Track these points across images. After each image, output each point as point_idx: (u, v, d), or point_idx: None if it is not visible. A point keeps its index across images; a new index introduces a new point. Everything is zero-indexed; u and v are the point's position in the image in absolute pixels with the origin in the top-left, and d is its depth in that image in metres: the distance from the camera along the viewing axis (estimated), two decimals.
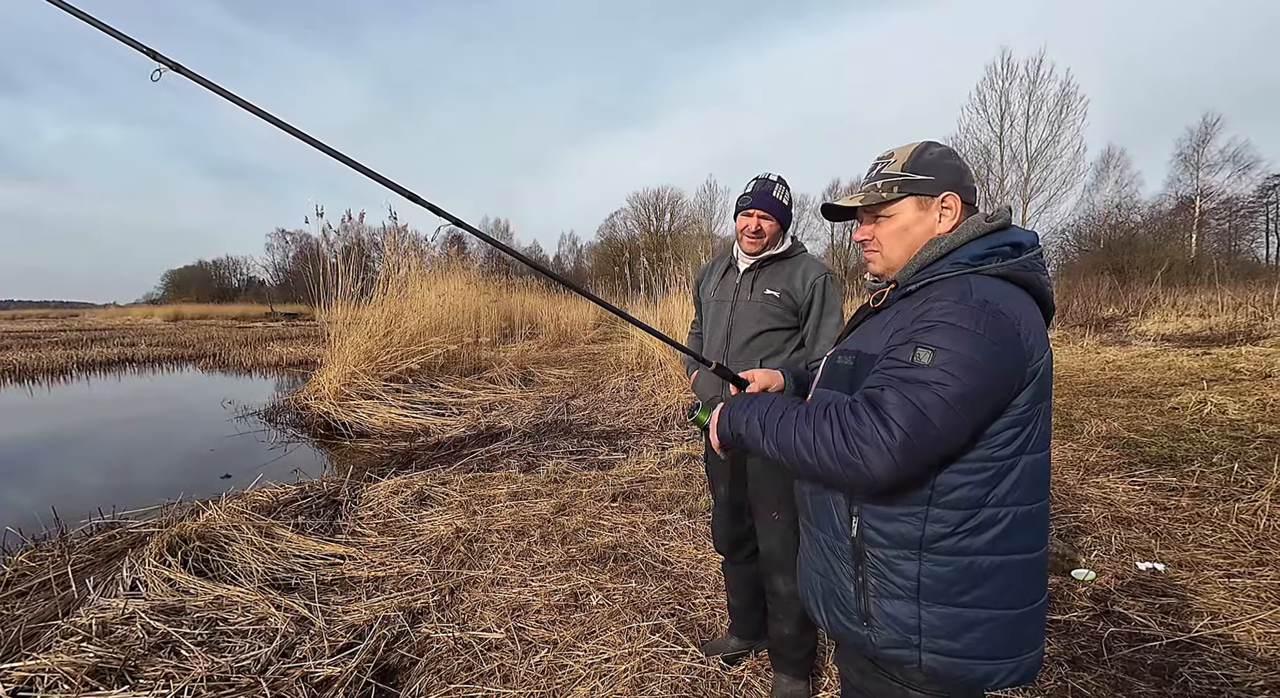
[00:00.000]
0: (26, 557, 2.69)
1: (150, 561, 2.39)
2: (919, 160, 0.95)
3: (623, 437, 5.31)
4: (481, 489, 3.80)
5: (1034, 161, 21.39)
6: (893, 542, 0.88)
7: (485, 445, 5.12)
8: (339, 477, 3.96)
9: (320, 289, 7.60)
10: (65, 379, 10.34)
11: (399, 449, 5.26)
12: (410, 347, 7.38)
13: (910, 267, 0.95)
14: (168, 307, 39.50)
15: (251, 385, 9.68)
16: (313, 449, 5.46)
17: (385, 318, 7.51)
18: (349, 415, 6.07)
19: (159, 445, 5.84)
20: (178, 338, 17.89)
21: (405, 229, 9.17)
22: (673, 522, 3.15)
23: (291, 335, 17.87)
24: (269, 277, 52.34)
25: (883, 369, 0.85)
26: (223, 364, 12.50)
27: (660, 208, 40.37)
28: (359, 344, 7.10)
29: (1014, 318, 0.81)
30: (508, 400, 7.00)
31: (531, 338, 12.84)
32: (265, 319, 31.57)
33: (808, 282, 1.72)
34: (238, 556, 2.59)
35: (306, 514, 3.25)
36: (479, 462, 4.58)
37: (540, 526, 3.13)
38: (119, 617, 2.01)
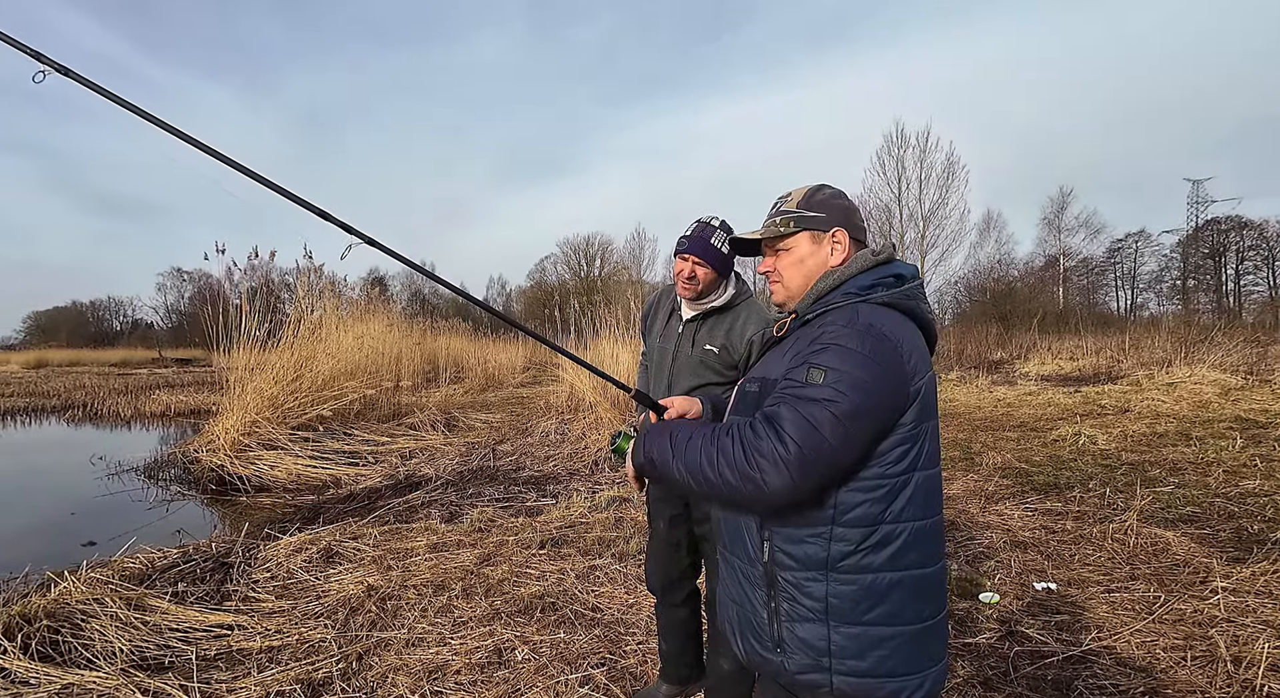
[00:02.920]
0: None
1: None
2: (813, 199, 1.05)
3: (552, 481, 5.16)
4: (398, 542, 3.54)
5: (928, 220, 23.92)
6: (801, 564, 0.91)
7: (403, 495, 4.80)
8: (231, 536, 3.55)
9: (220, 332, 7.01)
10: None
11: (305, 503, 4.82)
12: (323, 392, 6.90)
13: (808, 298, 1.04)
14: (28, 353, 34.69)
15: (129, 438, 8.61)
16: (201, 508, 4.90)
17: (295, 362, 7.00)
18: (247, 468, 5.51)
19: (4, 511, 5.01)
20: (39, 387, 15.71)
21: (321, 269, 8.73)
22: (603, 567, 3.06)
23: (182, 382, 16.20)
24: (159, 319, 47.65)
25: (781, 390, 0.91)
26: (94, 416, 11.07)
27: (590, 253, 41.09)
28: (263, 390, 6.54)
29: (896, 340, 0.88)
30: (429, 447, 6.64)
31: (457, 382, 12.39)
32: (152, 365, 28.50)
33: (745, 337, 1.71)
34: (98, 633, 2.23)
35: (189, 581, 2.87)
36: (395, 513, 4.28)
37: (462, 578, 2.94)
38: None
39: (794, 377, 0.89)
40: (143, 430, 9.46)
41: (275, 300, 8.58)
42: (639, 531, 3.58)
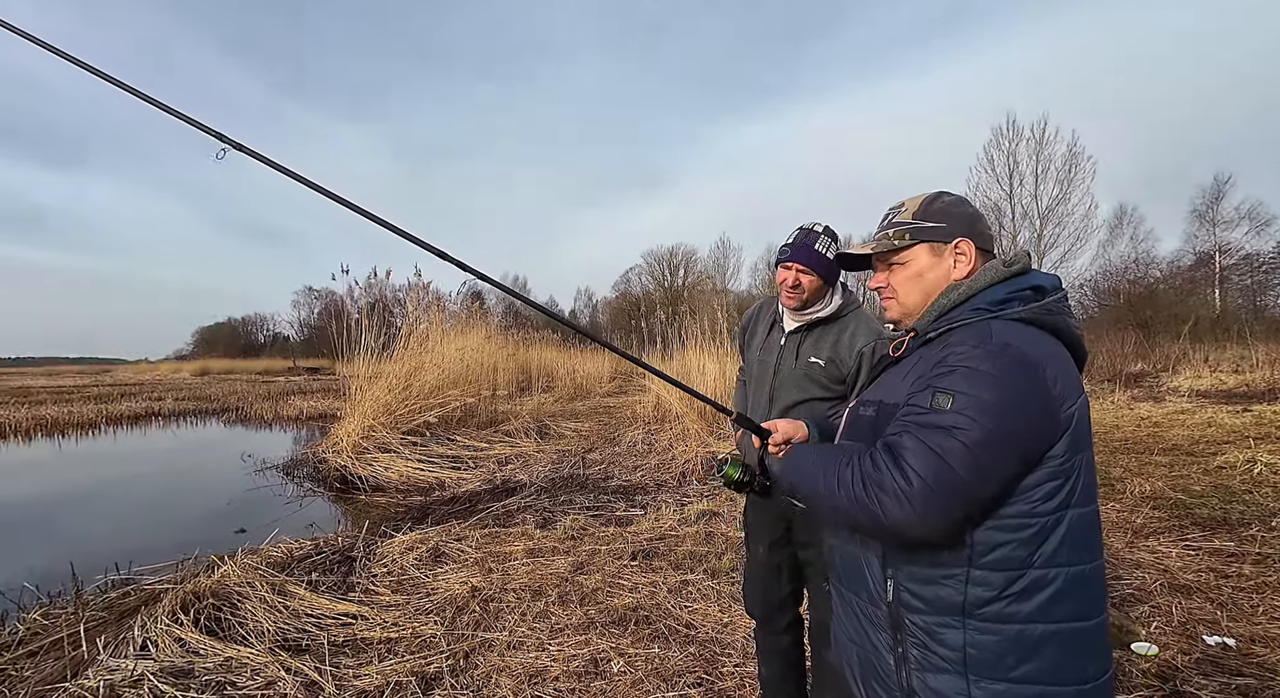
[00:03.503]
0: (40, 615, 2.64)
1: (162, 619, 2.33)
2: (929, 208, 0.97)
3: (640, 492, 5.19)
4: (497, 546, 3.70)
5: (1045, 219, 21.66)
6: (933, 607, 0.82)
7: (501, 500, 5.03)
8: (353, 532, 3.89)
9: (343, 344, 7.77)
10: (94, 434, 10.52)
11: (414, 504, 5.19)
12: (429, 400, 7.43)
13: (929, 314, 0.95)
14: (195, 362, 40.60)
15: (271, 439, 9.74)
16: (328, 504, 5.41)
17: (405, 372, 7.61)
18: (365, 469, 6.04)
19: (178, 500, 5.83)
20: (203, 392, 18.25)
21: (428, 286, 9.46)
22: (695, 582, 3.01)
23: (312, 389, 18.14)
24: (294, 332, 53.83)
25: (901, 417, 0.84)
26: (244, 418, 12.66)
27: (674, 264, 41.27)
28: (378, 398, 7.16)
29: (1038, 361, 0.79)
30: (524, 454, 6.93)
31: (548, 391, 12.86)
32: (288, 373, 32.18)
33: (854, 349, 1.60)
34: (250, 614, 2.52)
35: (320, 571, 3.17)
36: (494, 517, 4.49)
37: (558, 585, 3.02)
38: (127, 680, 1.94)
39: (917, 402, 0.82)
40: (281, 432, 10.67)
41: (389, 315, 9.39)
42: (730, 547, 3.50)
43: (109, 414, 12.38)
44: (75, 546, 4.05)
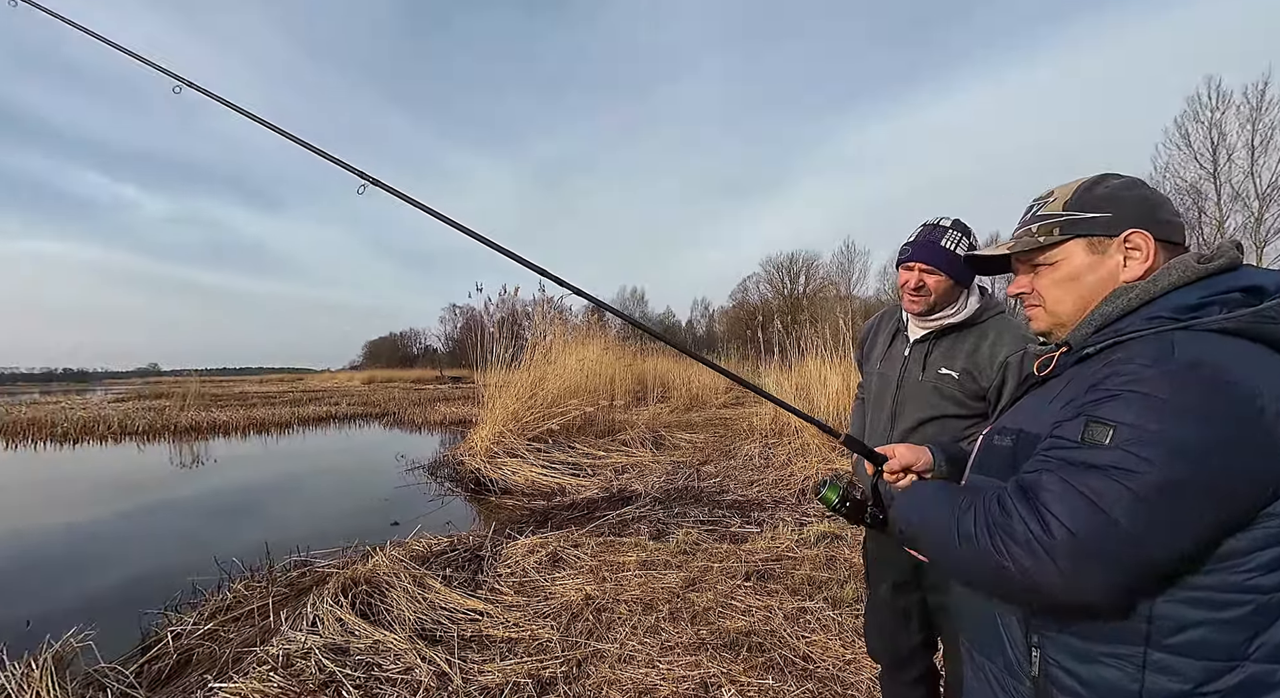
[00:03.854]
0: (243, 586, 3.18)
1: (328, 600, 2.69)
2: (1088, 195, 0.79)
3: (756, 508, 5.02)
4: (612, 555, 3.78)
5: (1268, 200, 17.61)
6: (1096, 692, 0.66)
7: (617, 509, 5.14)
8: (483, 532, 4.21)
9: (480, 355, 8.52)
10: (288, 432, 12.56)
11: (537, 508, 5.49)
12: (551, 408, 7.85)
13: (1087, 324, 0.78)
14: (364, 372, 46.98)
15: (420, 441, 10.91)
16: (464, 503, 5.91)
17: (531, 381, 8.13)
18: (496, 472, 6.52)
19: (346, 492, 6.73)
20: (369, 398, 21.00)
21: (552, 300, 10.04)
22: (814, 611, 2.83)
23: (455, 397, 20.06)
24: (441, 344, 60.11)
25: (1044, 450, 0.68)
26: (399, 422, 14.33)
27: (794, 270, 39.79)
28: (507, 406, 7.72)
29: (1247, 386, 0.60)
30: (639, 464, 7.04)
31: (663, 401, 12.99)
32: (435, 382, 35.91)
33: (996, 359, 1.38)
34: (395, 602, 2.82)
35: (453, 567, 3.46)
36: (610, 525, 4.60)
37: (669, 600, 3.00)
38: (299, 651, 2.26)
39: (1065, 434, 0.67)
40: (429, 435, 11.91)
41: (519, 328, 10.12)
42: (854, 574, 3.24)
43: (299, 416, 14.70)
44: (270, 527, 4.84)
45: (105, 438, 11.51)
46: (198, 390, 19.27)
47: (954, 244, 1.41)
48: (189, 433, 11.92)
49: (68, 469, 8.45)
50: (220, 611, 2.85)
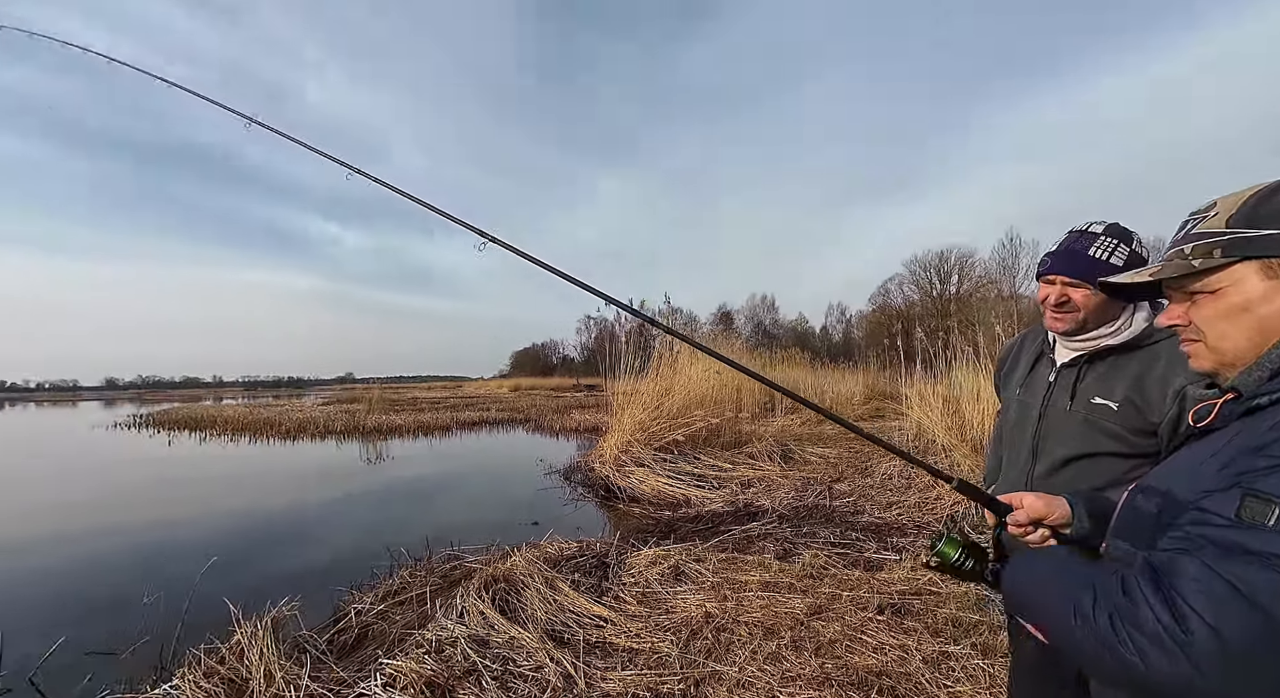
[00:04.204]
0: (407, 573, 3.65)
1: (472, 594, 2.99)
2: (1261, 208, 0.64)
3: (895, 533, 4.62)
4: (734, 572, 3.72)
5: None
6: None
7: (742, 524, 5.05)
8: (609, 540, 4.38)
9: (611, 365, 8.92)
10: (448, 435, 14.16)
11: (662, 518, 5.58)
12: (677, 419, 7.94)
13: (1261, 367, 0.64)
14: (511, 380, 51.42)
15: (557, 446, 11.66)
16: (594, 509, 6.20)
17: (657, 392, 8.31)
18: (624, 480, 6.75)
19: (494, 491, 7.41)
20: (515, 405, 22.93)
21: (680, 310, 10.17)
22: (960, 657, 2.53)
23: (589, 405, 21.12)
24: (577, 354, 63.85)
25: (1188, 525, 0.57)
26: (540, 427, 15.45)
27: (945, 270, 35.99)
28: (635, 415, 7.96)
29: None
30: (766, 478, 6.84)
31: (793, 413, 12.49)
32: (571, 390, 38.12)
33: (1170, 387, 1.14)
34: (529, 602, 3.05)
35: (581, 572, 3.65)
36: (734, 541, 4.53)
37: (792, 627, 2.88)
38: (448, 639, 2.55)
39: (1215, 508, 0.56)
40: (565, 441, 12.69)
41: (646, 339, 10.42)
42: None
43: (457, 420, 16.50)
44: (430, 520, 5.50)
45: (314, 436, 13.92)
46: (380, 396, 22.49)
47: (1106, 253, 1.19)
48: (373, 433, 13.97)
49: (288, 461, 10.36)
50: (390, 594, 3.31)
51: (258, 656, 2.31)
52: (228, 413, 19.10)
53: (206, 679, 2.23)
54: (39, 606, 3.69)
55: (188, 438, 14.24)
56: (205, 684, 2.21)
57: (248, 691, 2.21)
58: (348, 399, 28.40)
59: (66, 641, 2.92)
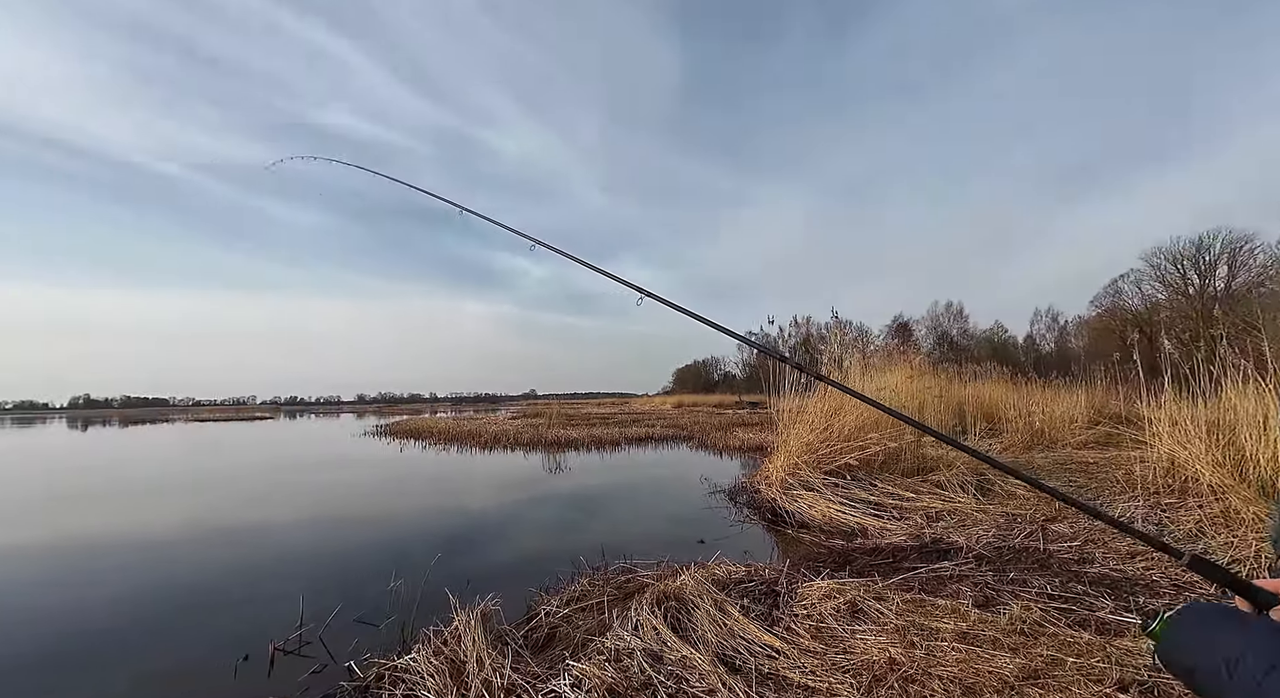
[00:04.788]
0: (586, 581, 3.95)
1: (646, 608, 3.13)
2: None
3: (1142, 590, 3.77)
4: (923, 616, 3.36)
5: None
6: None
7: (930, 562, 4.54)
8: (778, 566, 4.25)
9: (774, 381, 8.71)
10: (617, 449, 15.00)
11: (835, 548, 5.26)
12: (849, 441, 7.44)
13: None
14: (674, 396, 52.72)
15: (720, 465, 11.64)
16: (761, 532, 6.07)
17: (826, 411, 7.88)
18: (791, 504, 6.50)
19: (660, 507, 7.65)
20: (678, 422, 23.44)
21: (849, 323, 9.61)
22: None
23: (752, 422, 20.76)
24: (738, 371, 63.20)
25: None
26: (703, 445, 15.58)
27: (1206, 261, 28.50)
28: (801, 436, 7.64)
29: None
30: (958, 511, 6.06)
31: (991, 435, 10.87)
32: (734, 407, 37.77)
33: None
34: (699, 622, 3.10)
35: (750, 598, 3.60)
36: (921, 581, 4.09)
37: (1000, 690, 2.51)
38: (625, 649, 2.70)
39: None
40: (728, 459, 12.62)
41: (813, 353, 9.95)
42: None
43: (625, 436, 17.39)
44: (603, 530, 5.88)
45: (506, 446, 15.78)
46: (559, 412, 24.65)
47: None
48: (553, 446, 15.38)
49: (486, 468, 11.87)
50: (573, 600, 3.61)
51: (471, 642, 2.70)
52: (440, 425, 22.56)
53: (435, 657, 2.67)
54: (321, 577, 4.73)
55: (412, 445, 17.12)
56: (434, 661, 2.64)
57: (464, 672, 2.60)
58: (531, 414, 31.66)
59: (341, 608, 3.72)
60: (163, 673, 3.05)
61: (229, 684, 2.89)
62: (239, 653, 3.19)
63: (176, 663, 3.16)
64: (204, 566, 5.09)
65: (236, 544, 5.80)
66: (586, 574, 4.22)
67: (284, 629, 3.46)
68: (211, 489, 9.73)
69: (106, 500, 8.76)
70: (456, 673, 2.60)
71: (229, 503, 8.34)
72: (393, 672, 2.69)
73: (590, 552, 4.89)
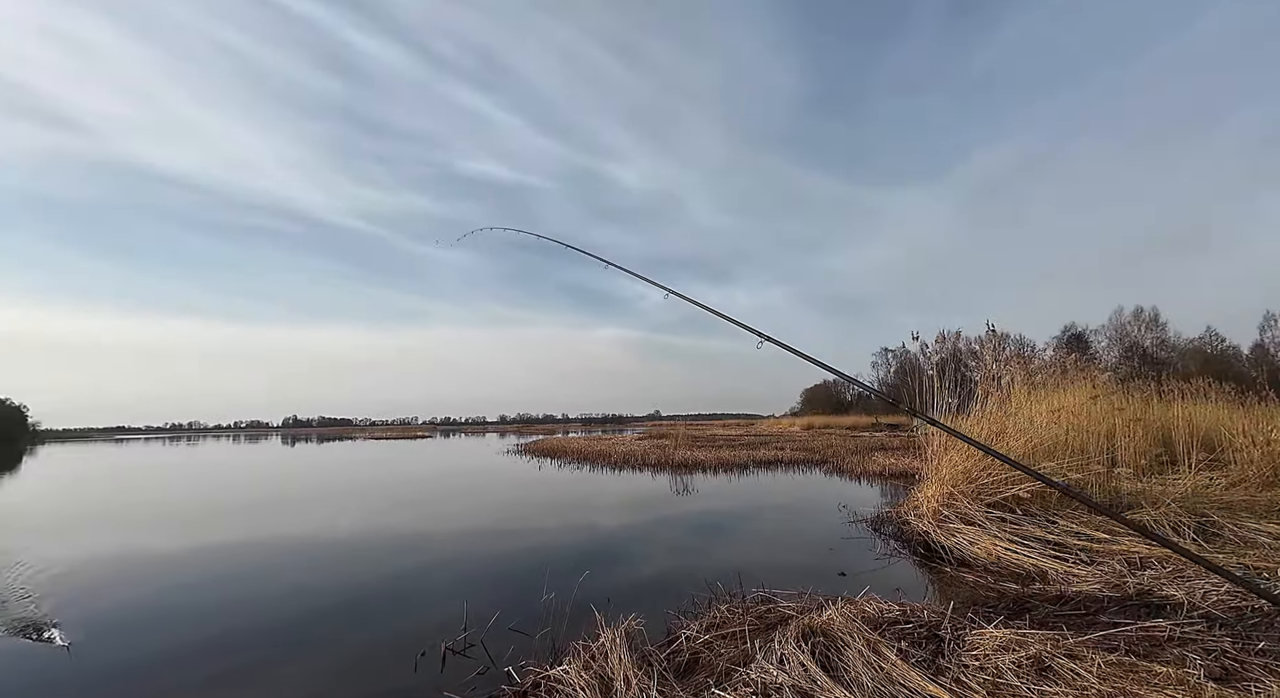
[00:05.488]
0: (725, 608, 3.87)
1: (790, 642, 2.99)
2: None
3: None
4: (1135, 684, 2.81)
5: None
6: None
7: (1137, 619, 3.80)
8: (940, 608, 3.83)
9: (918, 402, 7.97)
10: (745, 472, 14.64)
11: (1008, 591, 4.61)
12: (1015, 472, 6.54)
13: None
14: (803, 418, 50.33)
15: (859, 492, 10.84)
16: (913, 568, 5.52)
17: (984, 436, 7.04)
18: (948, 539, 5.85)
19: (795, 534, 7.28)
20: (809, 445, 22.32)
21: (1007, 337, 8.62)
22: None
23: (892, 446, 19.12)
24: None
25: None
26: (838, 469, 14.64)
27: None
28: (955, 463, 6.88)
29: None
30: (1173, 559, 5.01)
31: (1213, 468, 8.89)
32: (870, 429, 35.10)
33: None
34: (850, 663, 2.88)
35: (908, 641, 3.28)
36: (1128, 640, 3.43)
37: None
38: (773, 684, 2.60)
39: None
40: (868, 486, 11.72)
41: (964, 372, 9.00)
42: None
43: (753, 458, 16.93)
44: (736, 555, 5.73)
45: (635, 467, 16.13)
46: (684, 433, 24.72)
47: None
48: (680, 467, 15.42)
49: (617, 487, 12.21)
50: (712, 626, 3.56)
51: (618, 660, 2.78)
52: (573, 445, 23.74)
53: (585, 670, 2.78)
54: (479, 584, 5.16)
55: (548, 464, 18.18)
56: (584, 674, 2.75)
57: (612, 689, 2.67)
58: (657, 435, 32.11)
59: (499, 616, 4.03)
60: (361, 658, 3.52)
61: (410, 676, 3.25)
62: (417, 649, 3.58)
63: (370, 649, 3.64)
64: (385, 565, 5.83)
65: (411, 550, 6.56)
66: (724, 600, 4.13)
67: (451, 631, 3.83)
68: (387, 500, 11.14)
69: (315, 504, 10.44)
70: (605, 689, 2.67)
71: (402, 512, 9.49)
72: (547, 681, 2.84)
73: (723, 577, 4.80)
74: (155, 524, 8.63)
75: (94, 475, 18.31)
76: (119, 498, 12.33)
